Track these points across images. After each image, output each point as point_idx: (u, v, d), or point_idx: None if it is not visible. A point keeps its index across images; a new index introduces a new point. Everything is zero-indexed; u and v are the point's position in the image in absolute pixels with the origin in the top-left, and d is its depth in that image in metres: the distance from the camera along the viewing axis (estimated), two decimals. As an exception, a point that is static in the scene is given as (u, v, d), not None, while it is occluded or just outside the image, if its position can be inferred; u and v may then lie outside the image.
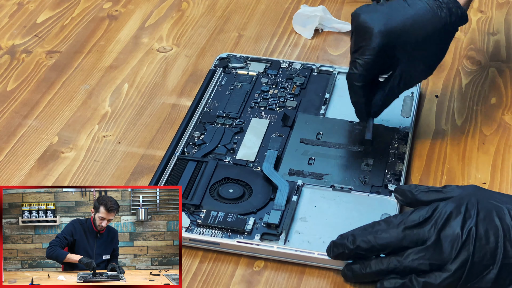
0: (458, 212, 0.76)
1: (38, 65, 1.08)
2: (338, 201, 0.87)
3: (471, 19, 1.15)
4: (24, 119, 1.00)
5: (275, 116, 0.98)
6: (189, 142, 0.94)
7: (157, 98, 1.03)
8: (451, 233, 0.76)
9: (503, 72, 1.07)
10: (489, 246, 0.75)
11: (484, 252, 0.75)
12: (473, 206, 0.77)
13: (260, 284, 0.81)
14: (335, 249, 0.79)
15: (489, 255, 0.75)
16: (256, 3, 1.20)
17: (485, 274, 0.75)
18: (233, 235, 0.83)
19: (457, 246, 0.75)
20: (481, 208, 0.76)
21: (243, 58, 1.07)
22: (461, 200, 0.77)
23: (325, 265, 0.81)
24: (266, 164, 0.90)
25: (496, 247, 0.75)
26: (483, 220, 0.76)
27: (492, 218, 0.76)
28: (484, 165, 0.93)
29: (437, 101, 1.02)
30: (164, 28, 1.15)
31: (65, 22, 1.16)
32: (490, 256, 0.75)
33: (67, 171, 0.93)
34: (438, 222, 0.76)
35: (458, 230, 0.75)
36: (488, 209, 0.76)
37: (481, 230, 0.75)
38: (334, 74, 1.04)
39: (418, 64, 0.90)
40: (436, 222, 0.76)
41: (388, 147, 0.93)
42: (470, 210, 0.76)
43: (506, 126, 0.98)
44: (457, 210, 0.76)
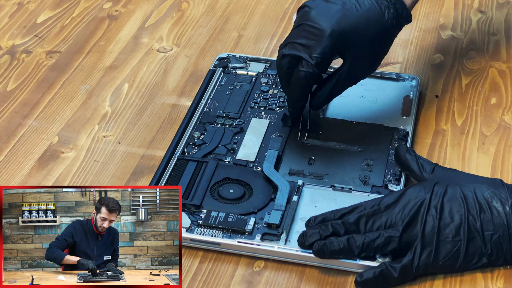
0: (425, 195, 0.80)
1: (38, 65, 1.08)
2: (338, 201, 0.87)
3: (471, 19, 1.16)
4: (24, 119, 1.00)
5: (275, 116, 0.98)
6: (189, 142, 0.94)
7: (157, 98, 1.03)
8: (417, 215, 0.79)
9: (503, 72, 1.07)
10: (454, 224, 0.79)
11: (449, 229, 0.79)
12: (440, 187, 0.81)
13: (260, 284, 0.81)
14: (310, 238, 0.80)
15: (455, 232, 0.78)
16: (256, 3, 1.20)
17: (454, 251, 0.78)
18: (234, 235, 0.83)
19: (423, 226, 0.79)
20: (447, 189, 0.80)
21: (242, 58, 1.07)
22: (429, 185, 0.81)
23: (325, 265, 0.81)
24: (267, 164, 0.90)
25: (460, 224, 0.79)
26: (448, 201, 0.80)
27: (456, 197, 0.80)
28: (484, 165, 0.93)
29: (437, 101, 1.02)
30: (164, 28, 1.15)
31: (65, 22, 1.16)
32: (456, 233, 0.78)
33: (67, 171, 0.93)
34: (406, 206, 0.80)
35: (423, 212, 0.79)
36: (454, 189, 0.80)
37: (446, 209, 0.79)
38: (334, 74, 1.04)
39: (364, 62, 0.92)
40: (403, 207, 0.80)
41: (388, 147, 0.93)
42: (437, 192, 0.80)
43: (506, 126, 0.98)
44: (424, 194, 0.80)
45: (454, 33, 1.13)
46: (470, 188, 0.81)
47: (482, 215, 0.79)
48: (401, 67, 1.07)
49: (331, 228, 0.80)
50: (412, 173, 0.87)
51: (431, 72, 1.07)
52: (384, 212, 0.80)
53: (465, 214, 0.79)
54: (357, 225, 0.80)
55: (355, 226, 0.80)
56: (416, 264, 0.79)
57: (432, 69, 1.07)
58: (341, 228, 0.80)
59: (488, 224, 0.79)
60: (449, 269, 0.80)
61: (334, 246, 0.79)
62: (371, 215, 0.81)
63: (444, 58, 1.09)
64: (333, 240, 0.80)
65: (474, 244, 0.79)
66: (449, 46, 1.11)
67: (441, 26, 1.15)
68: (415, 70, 1.07)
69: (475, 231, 0.79)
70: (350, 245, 0.79)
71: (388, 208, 0.81)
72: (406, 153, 0.88)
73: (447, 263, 0.79)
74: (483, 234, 0.79)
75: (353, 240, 0.79)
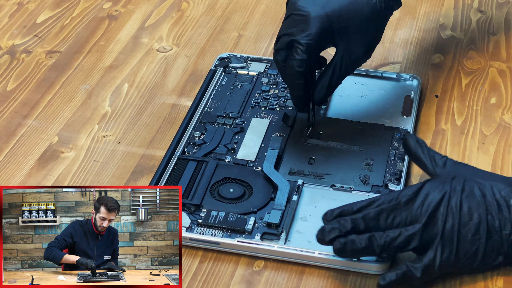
0: (444, 191, 0.79)
1: (38, 65, 1.08)
2: (338, 200, 0.87)
3: (471, 19, 1.16)
4: (24, 119, 1.00)
5: (276, 116, 0.98)
6: (189, 142, 0.94)
7: (157, 98, 1.03)
8: (437, 212, 0.78)
9: (503, 72, 1.07)
10: (473, 222, 0.78)
11: (469, 228, 0.77)
12: (458, 183, 0.79)
13: (260, 284, 0.81)
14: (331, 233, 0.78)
15: (474, 231, 0.77)
16: (256, 3, 1.20)
17: (474, 250, 0.77)
18: (234, 234, 0.83)
19: (443, 224, 0.77)
20: (465, 186, 0.79)
21: (243, 58, 1.07)
22: (447, 179, 0.80)
23: (325, 265, 0.81)
24: (267, 164, 0.90)
25: (479, 223, 0.78)
26: (466, 198, 0.78)
27: (475, 195, 0.79)
28: (484, 165, 0.93)
29: (437, 101, 1.02)
30: (164, 28, 1.15)
31: (65, 22, 1.16)
32: (475, 232, 0.77)
33: (67, 171, 0.93)
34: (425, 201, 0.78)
35: (443, 209, 0.78)
36: (471, 187, 0.79)
37: (465, 207, 0.78)
38: (334, 74, 1.04)
39: (357, 47, 0.91)
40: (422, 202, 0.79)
41: (389, 146, 0.93)
42: (455, 188, 0.79)
43: (506, 126, 0.98)
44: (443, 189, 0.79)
45: (454, 33, 1.13)
46: (487, 186, 0.79)
47: (500, 214, 0.78)
48: (401, 67, 1.07)
49: (350, 223, 0.78)
50: (422, 166, 0.86)
51: (431, 72, 1.06)
52: (404, 207, 0.79)
53: (484, 212, 0.78)
54: (377, 220, 0.78)
55: (375, 221, 0.78)
56: (438, 263, 0.77)
57: (432, 69, 1.07)
58: (360, 223, 0.78)
59: (506, 223, 0.78)
60: (467, 268, 0.79)
61: (356, 245, 0.77)
62: (391, 210, 0.79)
63: (444, 58, 1.09)
64: (354, 238, 0.77)
65: (493, 243, 0.78)
66: (449, 46, 1.11)
67: (441, 26, 1.15)
68: (415, 70, 1.07)
69: (493, 230, 0.78)
70: (372, 244, 0.77)
71: (408, 203, 0.79)
72: (416, 145, 0.86)
73: (466, 262, 0.78)
74: (501, 233, 0.78)
75: (375, 238, 0.77)
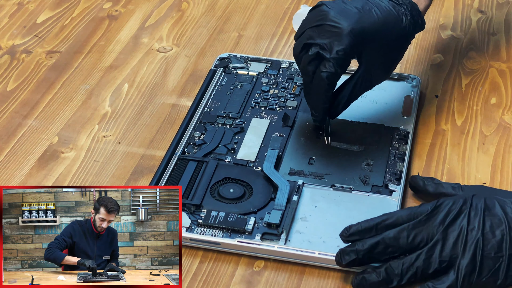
0: (464, 208, 0.78)
1: (38, 65, 1.08)
2: (338, 200, 0.87)
3: (471, 19, 1.16)
4: (24, 119, 1.00)
5: (276, 116, 0.98)
6: (189, 142, 0.94)
7: (157, 98, 1.03)
8: (458, 229, 0.77)
9: (503, 72, 1.07)
10: (496, 239, 0.77)
11: (491, 245, 0.77)
12: (479, 200, 0.79)
13: (260, 284, 0.81)
14: (347, 256, 0.79)
15: (497, 248, 0.77)
16: (256, 3, 1.20)
17: (496, 267, 0.77)
18: (234, 235, 0.83)
19: (464, 241, 0.77)
20: (486, 203, 0.79)
21: (243, 58, 1.07)
22: (467, 197, 0.79)
23: (325, 265, 0.81)
24: (267, 164, 0.90)
25: (502, 240, 0.77)
26: (488, 215, 0.78)
27: (496, 213, 0.78)
28: (484, 165, 0.93)
29: (437, 101, 1.02)
30: (164, 28, 1.15)
31: (65, 22, 1.16)
32: (498, 249, 0.77)
33: (67, 171, 0.93)
34: (446, 219, 0.78)
35: (464, 226, 0.77)
36: (492, 204, 0.79)
37: (487, 224, 0.77)
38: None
39: (379, 66, 0.91)
40: (443, 219, 0.78)
41: (389, 147, 0.93)
42: (476, 205, 0.78)
43: (506, 126, 0.98)
44: (463, 206, 0.79)
45: (454, 33, 1.13)
46: (508, 203, 0.79)
47: None
48: (401, 67, 1.07)
49: (368, 245, 0.78)
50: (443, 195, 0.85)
51: (431, 72, 1.06)
52: (425, 225, 0.78)
53: (506, 230, 0.77)
54: (397, 240, 0.78)
55: (395, 241, 0.78)
56: (461, 282, 0.76)
57: (432, 69, 1.07)
58: (381, 244, 0.78)
59: None
60: (490, 287, 0.77)
61: (373, 278, 0.78)
62: (411, 229, 0.78)
63: (444, 58, 1.09)
64: (370, 271, 0.78)
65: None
66: (449, 46, 1.11)
67: (441, 26, 1.15)
68: (415, 70, 1.07)
69: None
70: (389, 275, 0.77)
71: (428, 221, 0.78)
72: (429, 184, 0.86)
73: (489, 279, 0.77)
74: None
75: (391, 269, 0.77)
